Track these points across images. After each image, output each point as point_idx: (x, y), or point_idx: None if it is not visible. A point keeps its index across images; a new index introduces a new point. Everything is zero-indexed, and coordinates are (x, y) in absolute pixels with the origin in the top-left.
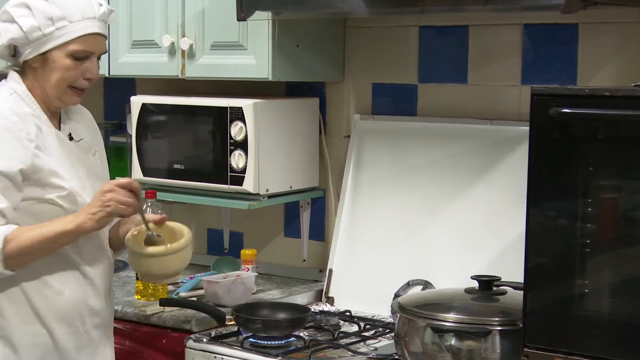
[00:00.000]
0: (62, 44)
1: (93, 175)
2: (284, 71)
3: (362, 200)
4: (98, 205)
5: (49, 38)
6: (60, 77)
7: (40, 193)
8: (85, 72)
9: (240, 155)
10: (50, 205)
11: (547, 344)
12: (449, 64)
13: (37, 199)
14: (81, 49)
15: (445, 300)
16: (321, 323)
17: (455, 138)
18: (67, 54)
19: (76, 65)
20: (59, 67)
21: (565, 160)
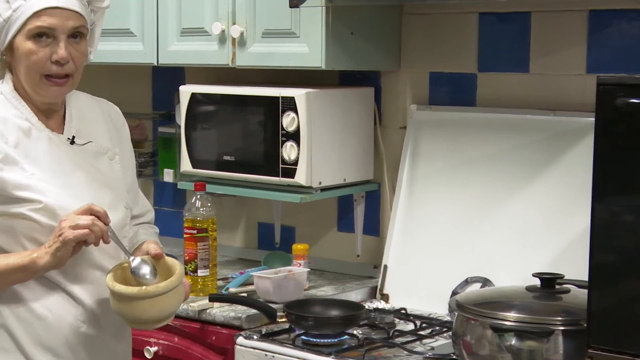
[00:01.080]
0: (20, 26)
1: (99, 182)
2: (338, 60)
3: (419, 193)
4: (52, 237)
5: (10, 24)
6: (26, 64)
7: (7, 208)
8: (52, 55)
9: (292, 147)
10: (23, 220)
11: (613, 345)
12: (510, 51)
13: (6, 214)
14: (38, 25)
15: (505, 298)
16: (375, 321)
17: (516, 130)
18: (28, 36)
19: (38, 48)
20: (22, 53)
21: (633, 153)
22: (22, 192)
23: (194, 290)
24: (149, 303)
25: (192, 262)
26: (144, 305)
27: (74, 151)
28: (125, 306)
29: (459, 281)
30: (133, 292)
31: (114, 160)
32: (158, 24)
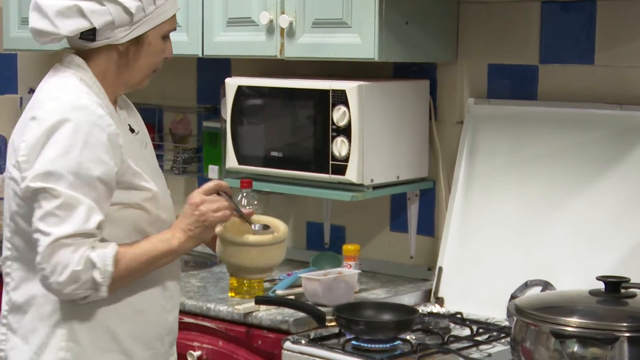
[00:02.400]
0: (159, 24)
1: (156, 172)
2: (392, 51)
3: (476, 192)
4: (194, 222)
5: (149, 18)
6: (152, 61)
7: (126, 197)
8: (166, 53)
9: (343, 143)
10: (136, 210)
11: None
12: (574, 42)
13: (123, 204)
14: (172, 28)
15: (567, 302)
16: (430, 325)
17: (581, 125)
18: (162, 35)
19: (164, 47)
20: (153, 50)
21: None
22: (138, 180)
23: (239, 292)
24: (278, 248)
25: None
26: (275, 250)
27: (135, 140)
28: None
29: (518, 284)
30: (269, 239)
31: (148, 149)
32: (203, 13)
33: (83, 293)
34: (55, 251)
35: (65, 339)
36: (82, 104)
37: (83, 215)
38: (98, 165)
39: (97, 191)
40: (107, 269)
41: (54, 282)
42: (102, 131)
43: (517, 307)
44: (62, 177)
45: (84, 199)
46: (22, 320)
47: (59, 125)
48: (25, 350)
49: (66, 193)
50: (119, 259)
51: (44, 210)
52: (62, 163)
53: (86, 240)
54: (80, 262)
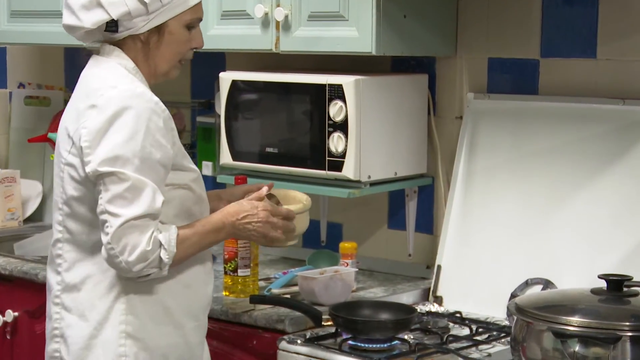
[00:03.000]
0: (180, 13)
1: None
2: (390, 44)
3: (476, 189)
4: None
5: (167, 8)
6: (176, 50)
7: (177, 178)
8: (193, 42)
9: (340, 138)
10: (184, 191)
11: None
12: (576, 36)
13: (174, 184)
14: (196, 17)
15: (568, 301)
16: (428, 325)
17: (582, 120)
18: (184, 24)
19: (190, 37)
20: (176, 39)
21: None
22: (186, 162)
23: (234, 291)
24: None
25: (232, 261)
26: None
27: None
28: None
29: (519, 283)
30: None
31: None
32: None
33: (148, 271)
34: (125, 232)
35: (124, 312)
36: (140, 92)
37: (150, 196)
38: (158, 149)
39: (158, 174)
40: (172, 249)
41: (124, 260)
42: (159, 117)
43: (517, 306)
44: (128, 161)
45: (149, 182)
46: (78, 298)
47: (121, 112)
48: (84, 327)
49: (133, 176)
50: (180, 241)
51: (112, 193)
52: (129, 148)
53: (152, 222)
54: (149, 242)
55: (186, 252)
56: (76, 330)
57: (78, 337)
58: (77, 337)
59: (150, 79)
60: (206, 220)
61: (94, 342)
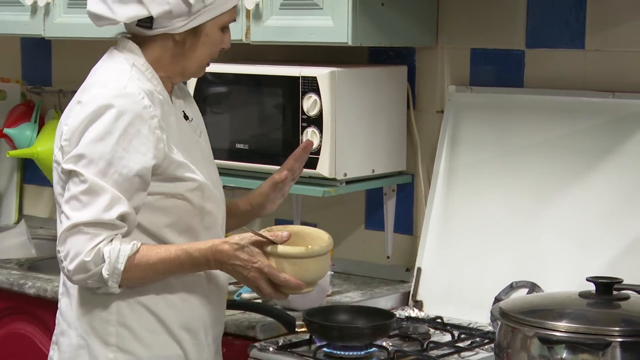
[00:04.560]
0: (219, 15)
1: (208, 160)
2: (367, 34)
3: (458, 187)
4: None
5: (208, 9)
6: (209, 52)
7: (168, 188)
8: (223, 44)
9: (314, 134)
10: (178, 201)
11: None
12: (563, 25)
13: (164, 194)
14: (232, 18)
15: (555, 305)
16: (408, 331)
17: (570, 114)
18: (220, 26)
19: (222, 38)
20: (210, 41)
21: None
22: (181, 171)
23: None
24: (313, 262)
25: None
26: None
27: (189, 128)
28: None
29: (503, 286)
30: (300, 252)
31: (201, 137)
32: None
33: (92, 284)
34: (70, 236)
35: (114, 324)
36: (128, 92)
37: (105, 204)
38: (133, 156)
39: (128, 182)
40: (116, 266)
41: (65, 267)
42: (143, 122)
43: (501, 310)
44: (92, 162)
45: (110, 188)
46: (70, 304)
47: (102, 111)
48: (72, 336)
49: (92, 179)
50: (136, 260)
51: (70, 193)
52: (96, 148)
53: (104, 232)
54: (91, 253)
55: (144, 275)
56: (66, 339)
57: (67, 345)
58: (66, 346)
59: (174, 78)
60: (187, 248)
61: (81, 353)
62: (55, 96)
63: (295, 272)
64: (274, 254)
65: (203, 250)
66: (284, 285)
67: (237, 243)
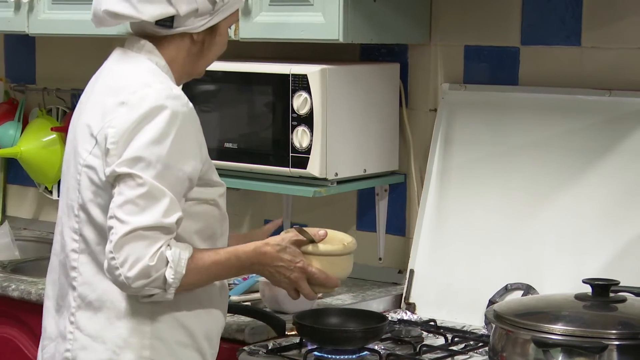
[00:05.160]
0: (231, 14)
1: None
2: (358, 31)
3: (452, 187)
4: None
5: (225, 7)
6: (219, 51)
7: (203, 193)
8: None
9: (305, 133)
10: (210, 206)
11: None
12: (559, 21)
13: (199, 199)
14: (237, 18)
15: (551, 308)
16: (400, 334)
17: (567, 113)
18: (229, 24)
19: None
20: (223, 40)
21: None
22: (214, 176)
23: None
24: (347, 260)
25: None
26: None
27: None
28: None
29: (498, 288)
30: (339, 249)
31: None
32: None
33: (150, 291)
34: (129, 242)
35: (149, 336)
36: (177, 94)
37: (165, 208)
38: (188, 159)
39: (181, 185)
40: (179, 270)
41: (123, 274)
42: (192, 124)
43: (496, 313)
44: (150, 165)
45: (168, 192)
46: (94, 317)
47: (154, 112)
48: (100, 351)
49: (151, 183)
50: (193, 263)
51: (125, 197)
52: (154, 151)
53: (163, 236)
54: (154, 257)
55: (199, 279)
56: (91, 354)
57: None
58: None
59: (181, 79)
60: (234, 251)
61: None
62: (39, 94)
63: (333, 270)
64: (316, 252)
65: (248, 252)
66: (325, 283)
67: (279, 244)
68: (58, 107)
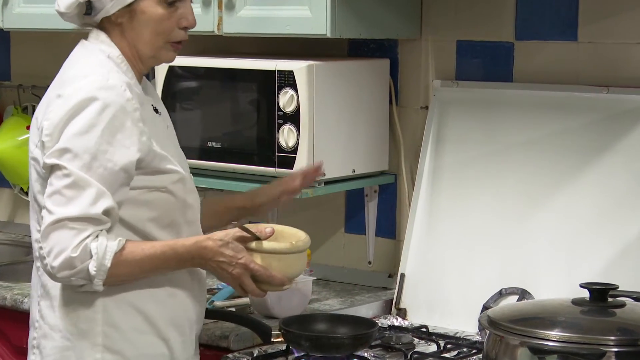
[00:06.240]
0: None
1: (179, 154)
2: (346, 25)
3: (443, 188)
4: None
5: None
6: (155, 30)
7: (152, 181)
8: (180, 20)
9: (291, 131)
10: (162, 194)
11: None
12: (555, 15)
13: (148, 187)
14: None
15: (547, 313)
16: (391, 341)
17: (562, 110)
18: (159, 1)
19: (170, 14)
20: (150, 19)
21: None
22: (165, 164)
23: None
24: (297, 259)
25: None
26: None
27: (160, 120)
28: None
29: (492, 293)
30: (286, 247)
31: (169, 129)
32: None
33: (77, 281)
34: (55, 231)
35: (101, 323)
36: (111, 84)
37: (91, 198)
38: (118, 149)
39: (113, 176)
40: (104, 262)
41: (49, 264)
42: (127, 115)
43: (490, 319)
44: (77, 156)
45: (95, 182)
46: (52, 306)
47: (85, 103)
48: (57, 338)
49: (77, 173)
50: (122, 257)
51: (54, 188)
52: (80, 142)
53: (90, 227)
54: (77, 248)
55: (130, 271)
56: (50, 342)
57: (51, 348)
58: (50, 349)
59: (138, 65)
60: (172, 244)
61: (67, 355)
62: (14, 91)
63: (280, 268)
64: (260, 249)
65: (187, 246)
66: (269, 281)
67: (222, 239)
68: (34, 104)
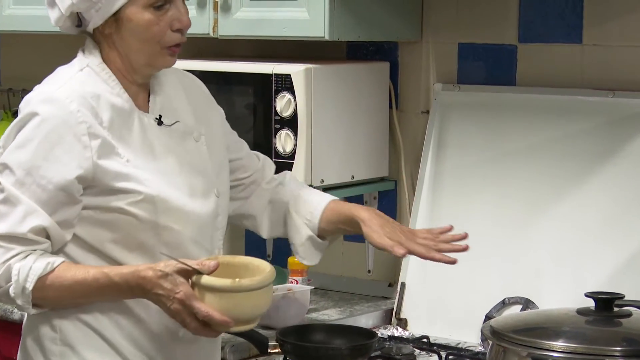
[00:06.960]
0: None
1: (190, 167)
2: (345, 28)
3: (444, 194)
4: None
5: None
6: (144, 37)
7: (105, 201)
8: (172, 23)
9: (288, 136)
10: (121, 215)
11: None
12: (559, 17)
13: (100, 207)
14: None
15: (551, 323)
16: (391, 352)
17: (567, 114)
18: (144, 6)
19: (159, 18)
20: (137, 25)
21: None
22: (120, 182)
23: None
24: (243, 298)
25: None
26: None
27: (163, 133)
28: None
29: (495, 302)
30: (225, 284)
31: (199, 141)
32: None
33: (5, 301)
34: None
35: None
36: (55, 97)
37: (18, 217)
38: (53, 164)
39: (47, 194)
40: (25, 285)
41: None
42: (68, 129)
43: (493, 329)
44: (12, 171)
45: (25, 200)
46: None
47: (27, 117)
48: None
49: (9, 189)
50: (49, 280)
51: None
52: (15, 156)
53: (17, 246)
54: (0, 268)
55: (60, 296)
56: (24, 355)
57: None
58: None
59: (131, 76)
60: (108, 271)
61: None
62: (4, 95)
63: (222, 307)
64: (198, 284)
65: (125, 274)
66: (207, 320)
67: (162, 270)
68: None
